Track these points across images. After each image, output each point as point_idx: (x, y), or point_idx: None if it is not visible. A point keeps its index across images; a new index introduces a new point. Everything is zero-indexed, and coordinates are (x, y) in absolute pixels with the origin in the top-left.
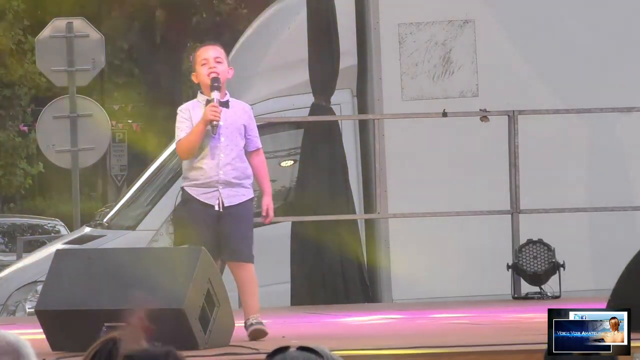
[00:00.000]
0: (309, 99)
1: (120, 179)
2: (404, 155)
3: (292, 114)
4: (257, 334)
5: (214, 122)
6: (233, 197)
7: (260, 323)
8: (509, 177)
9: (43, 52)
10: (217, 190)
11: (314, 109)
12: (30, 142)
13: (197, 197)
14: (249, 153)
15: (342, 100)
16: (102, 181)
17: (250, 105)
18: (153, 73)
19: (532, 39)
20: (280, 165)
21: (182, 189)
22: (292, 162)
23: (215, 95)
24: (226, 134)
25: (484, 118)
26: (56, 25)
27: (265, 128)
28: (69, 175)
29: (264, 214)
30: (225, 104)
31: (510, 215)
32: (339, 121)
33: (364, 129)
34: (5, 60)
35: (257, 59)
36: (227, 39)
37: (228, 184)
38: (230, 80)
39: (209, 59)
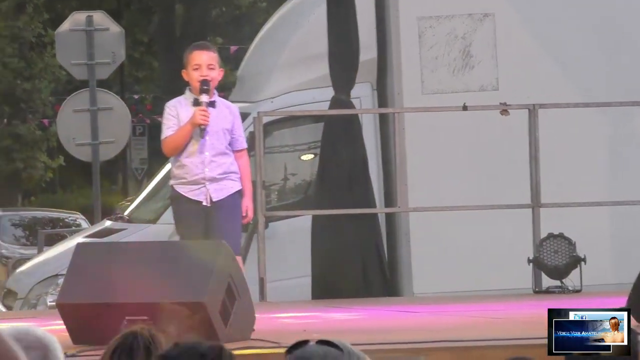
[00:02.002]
0: (329, 92)
1: (140, 172)
2: (424, 148)
3: (312, 108)
4: None
5: (202, 126)
6: (220, 191)
7: None
8: (529, 171)
9: (63, 45)
10: (204, 186)
11: (334, 103)
12: (50, 136)
13: (186, 195)
14: (234, 153)
15: (362, 93)
16: (122, 174)
17: (271, 98)
18: (173, 66)
19: (552, 32)
20: (300, 159)
21: (171, 187)
22: (312, 155)
23: (203, 98)
24: (211, 132)
25: (504, 112)
26: (76, 19)
27: (285, 122)
28: (89, 168)
29: (243, 214)
30: (212, 104)
31: (531, 209)
32: (359, 115)
33: (384, 123)
34: (26, 54)
35: (276, 53)
36: (246, 32)
37: (214, 180)
38: (251, 74)
39: (202, 65)
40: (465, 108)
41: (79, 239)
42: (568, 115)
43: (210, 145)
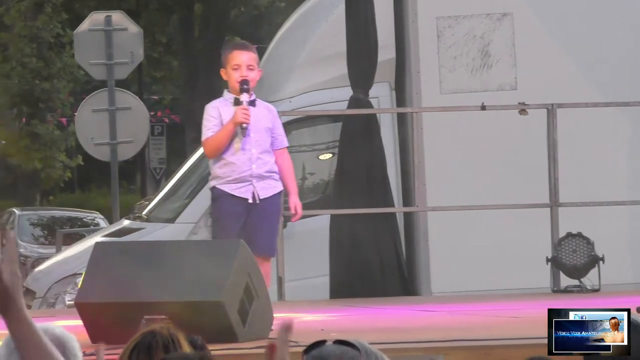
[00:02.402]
0: (348, 92)
1: (158, 171)
2: (442, 148)
3: (331, 107)
4: None
5: (244, 125)
6: (266, 189)
7: None
8: (548, 170)
9: (82, 45)
10: (251, 183)
11: (352, 102)
12: (69, 135)
13: (231, 192)
14: (274, 152)
15: (381, 93)
16: (140, 174)
17: (289, 98)
18: (191, 66)
19: (571, 32)
20: (318, 159)
21: (213, 188)
22: (330, 155)
23: (244, 97)
24: (255, 130)
25: (523, 111)
26: (95, 19)
27: (304, 121)
28: (107, 168)
29: (292, 212)
30: (252, 103)
31: (549, 209)
32: (378, 114)
33: (403, 122)
34: (44, 54)
35: (295, 52)
36: (265, 32)
37: (261, 177)
38: (269, 73)
39: (242, 65)
40: (483, 108)
41: (97, 238)
42: (587, 114)
43: (256, 143)
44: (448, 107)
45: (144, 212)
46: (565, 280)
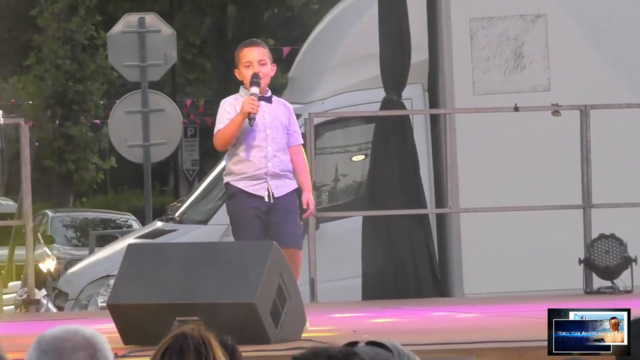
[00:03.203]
0: (381, 93)
1: (191, 173)
2: (475, 149)
3: (364, 109)
4: None
5: (251, 115)
6: (281, 187)
7: None
8: (581, 172)
9: (115, 47)
10: (266, 181)
11: (385, 104)
12: (102, 137)
13: (246, 190)
14: (289, 148)
15: (414, 94)
16: (173, 176)
17: (322, 99)
18: (224, 68)
19: (604, 33)
20: (351, 160)
21: (227, 184)
22: (363, 156)
23: (254, 89)
24: (271, 126)
25: (556, 112)
26: (128, 21)
27: (337, 123)
28: (141, 169)
29: (304, 207)
30: (268, 99)
31: (582, 210)
32: (410, 116)
33: (435, 124)
34: (78, 56)
35: (328, 54)
36: (298, 33)
37: (275, 176)
38: (303, 75)
39: (253, 62)
40: (516, 109)
41: (130, 240)
42: (620, 115)
43: (272, 140)
44: (481, 109)
45: (176, 214)
46: (597, 282)
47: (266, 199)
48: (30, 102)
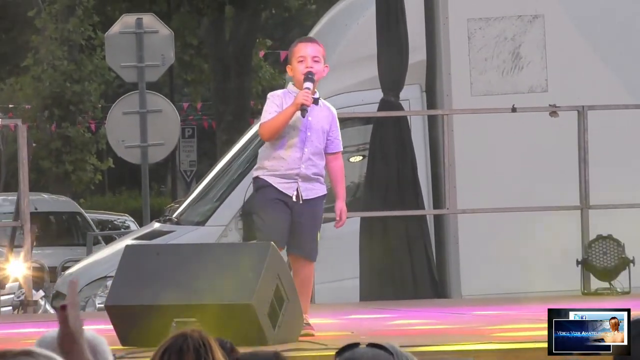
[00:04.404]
0: (378, 94)
1: (189, 174)
2: (473, 150)
3: (361, 110)
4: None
5: (305, 106)
6: (310, 190)
7: (309, 325)
8: (578, 173)
9: (113, 48)
10: (296, 182)
11: (383, 105)
12: (100, 138)
13: (275, 185)
14: (328, 155)
15: (411, 95)
16: (171, 177)
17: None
18: (222, 69)
19: (602, 34)
20: (349, 161)
21: (257, 177)
22: (361, 157)
23: (308, 84)
24: (313, 129)
25: (554, 113)
26: (126, 21)
27: None
28: (138, 170)
29: (337, 218)
30: (316, 101)
31: (579, 211)
32: (408, 117)
33: (433, 125)
34: (75, 56)
35: (326, 55)
36: (295, 34)
37: (307, 178)
38: None
39: (307, 57)
40: (514, 110)
41: (128, 241)
42: (617, 116)
43: (310, 142)
44: (479, 109)
45: (174, 215)
46: (595, 283)
47: (294, 199)
48: (28, 106)
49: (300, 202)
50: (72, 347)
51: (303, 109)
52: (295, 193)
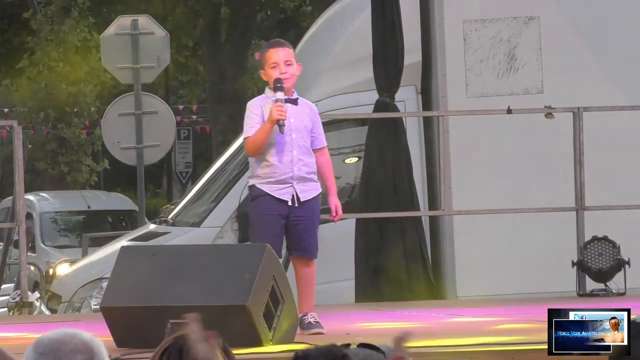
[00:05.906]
0: (374, 95)
1: (185, 175)
2: (468, 152)
3: (357, 111)
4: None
5: (281, 122)
6: (306, 191)
7: (319, 323)
8: (574, 174)
9: (108, 49)
10: (292, 185)
11: (379, 106)
12: (95, 139)
13: (271, 193)
14: (314, 151)
15: (407, 97)
16: (167, 178)
17: (315, 102)
18: (218, 70)
19: (597, 35)
20: (344, 162)
21: (252, 186)
22: (356, 159)
23: (279, 95)
24: (297, 130)
25: (549, 115)
26: (121, 23)
27: (330, 125)
28: (134, 172)
29: (333, 213)
30: (294, 101)
31: (575, 212)
32: (404, 118)
33: (429, 126)
34: (71, 58)
35: (321, 56)
36: (291, 35)
37: (301, 179)
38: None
39: (280, 62)
40: (509, 111)
41: (123, 242)
42: (613, 118)
43: (297, 144)
44: (474, 111)
45: (169, 216)
46: (591, 284)
47: (290, 203)
48: (25, 109)
49: (297, 204)
50: None
51: (280, 125)
52: (292, 197)
